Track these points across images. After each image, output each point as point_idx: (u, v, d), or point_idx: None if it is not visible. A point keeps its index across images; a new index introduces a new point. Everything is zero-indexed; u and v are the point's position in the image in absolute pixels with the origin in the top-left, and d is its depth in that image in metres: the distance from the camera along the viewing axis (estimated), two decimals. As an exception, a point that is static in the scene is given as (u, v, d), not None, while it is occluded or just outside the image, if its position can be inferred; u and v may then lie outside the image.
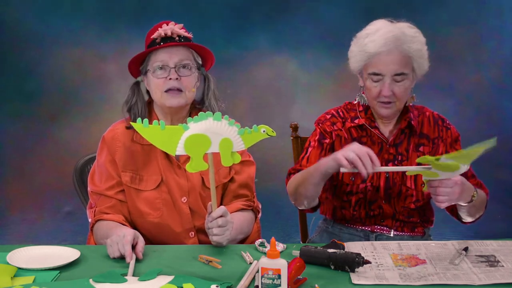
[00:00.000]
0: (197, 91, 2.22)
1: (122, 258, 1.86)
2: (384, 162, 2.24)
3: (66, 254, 1.89)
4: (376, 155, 1.97)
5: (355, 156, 1.95)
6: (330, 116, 2.32)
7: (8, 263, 1.81)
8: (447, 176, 1.92)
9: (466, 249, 1.96)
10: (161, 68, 2.13)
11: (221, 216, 1.93)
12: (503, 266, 1.86)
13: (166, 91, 2.12)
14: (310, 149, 2.29)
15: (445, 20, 5.60)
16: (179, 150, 1.84)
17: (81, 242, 4.06)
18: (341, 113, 2.32)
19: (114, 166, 2.17)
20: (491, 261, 1.89)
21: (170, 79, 2.11)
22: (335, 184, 2.29)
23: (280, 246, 1.95)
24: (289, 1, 5.69)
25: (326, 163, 2.06)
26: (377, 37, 2.15)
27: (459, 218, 2.27)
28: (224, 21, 5.55)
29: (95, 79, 5.57)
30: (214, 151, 1.86)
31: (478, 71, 5.70)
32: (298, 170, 2.26)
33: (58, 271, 1.80)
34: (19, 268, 1.80)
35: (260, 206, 2.33)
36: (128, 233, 1.89)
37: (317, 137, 2.29)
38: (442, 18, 5.60)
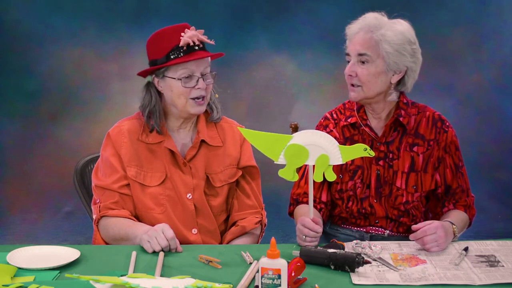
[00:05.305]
0: None
1: (159, 251, 1.93)
2: (375, 160, 2.24)
3: (66, 254, 1.89)
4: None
5: None
6: (323, 119, 2.35)
7: (8, 263, 1.81)
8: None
9: (466, 249, 1.96)
10: (187, 77, 2.12)
11: None
12: (503, 266, 1.86)
13: (192, 99, 2.13)
14: (308, 168, 2.29)
15: (445, 20, 5.61)
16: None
17: (81, 242, 4.07)
18: (335, 115, 2.34)
19: (119, 160, 2.18)
20: (491, 261, 1.89)
21: (198, 88, 2.12)
22: (328, 182, 2.30)
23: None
24: (289, 1, 5.69)
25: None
26: (355, 23, 2.20)
27: None
28: (224, 21, 5.55)
29: (95, 79, 5.58)
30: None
31: (478, 71, 5.70)
32: (299, 194, 2.30)
33: (58, 271, 1.80)
34: (19, 268, 1.79)
35: (266, 220, 2.33)
36: (167, 227, 1.98)
37: None
38: (442, 18, 5.60)
